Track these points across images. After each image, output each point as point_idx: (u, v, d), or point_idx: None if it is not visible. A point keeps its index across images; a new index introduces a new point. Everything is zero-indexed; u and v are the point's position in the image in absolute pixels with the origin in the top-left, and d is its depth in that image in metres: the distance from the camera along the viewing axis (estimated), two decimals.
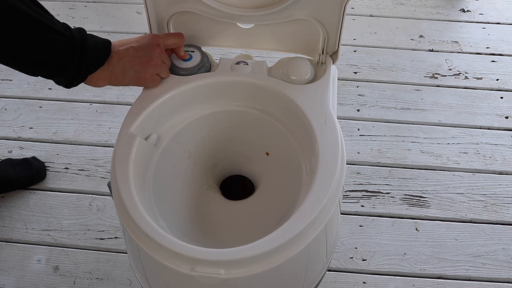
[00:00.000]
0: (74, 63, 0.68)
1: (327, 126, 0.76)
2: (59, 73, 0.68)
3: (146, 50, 0.77)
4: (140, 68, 0.76)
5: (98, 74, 0.72)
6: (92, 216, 1.19)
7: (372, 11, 1.70)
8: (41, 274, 1.11)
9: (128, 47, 0.75)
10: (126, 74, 0.75)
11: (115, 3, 1.74)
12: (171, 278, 0.70)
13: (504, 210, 1.21)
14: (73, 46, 0.67)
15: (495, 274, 1.11)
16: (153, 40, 0.78)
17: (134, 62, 0.75)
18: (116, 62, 0.73)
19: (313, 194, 0.68)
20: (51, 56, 0.66)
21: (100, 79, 0.73)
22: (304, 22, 0.84)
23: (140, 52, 0.76)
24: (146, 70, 0.77)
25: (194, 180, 0.86)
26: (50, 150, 1.32)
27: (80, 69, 0.69)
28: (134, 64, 0.75)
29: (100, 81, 0.73)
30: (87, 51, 0.68)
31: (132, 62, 0.75)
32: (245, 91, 0.84)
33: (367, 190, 1.24)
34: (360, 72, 1.51)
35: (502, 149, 1.32)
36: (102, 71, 0.72)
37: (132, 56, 0.75)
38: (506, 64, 1.54)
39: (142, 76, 0.77)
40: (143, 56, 0.76)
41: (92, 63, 0.70)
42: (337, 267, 1.11)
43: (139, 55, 0.76)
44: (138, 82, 0.78)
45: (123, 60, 0.74)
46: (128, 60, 0.75)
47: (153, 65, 0.78)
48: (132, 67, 0.75)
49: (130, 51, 0.75)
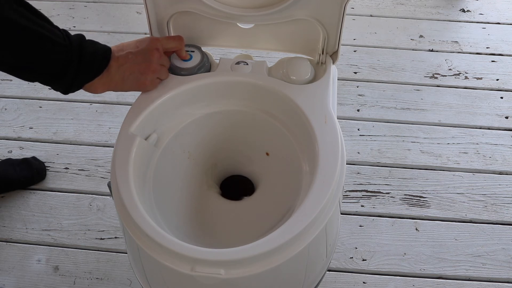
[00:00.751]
0: (70, 72, 0.67)
1: (327, 126, 0.76)
2: (55, 81, 0.68)
3: (145, 55, 0.76)
4: (139, 75, 0.76)
5: (97, 82, 0.71)
6: (92, 216, 1.20)
7: (372, 11, 1.70)
8: (41, 274, 1.11)
9: (127, 53, 0.74)
10: (125, 81, 0.75)
11: (115, 3, 1.74)
12: (171, 278, 0.70)
13: (504, 210, 1.21)
14: (70, 55, 0.66)
15: (495, 274, 1.11)
16: (152, 44, 0.77)
17: (133, 69, 0.75)
18: (116, 70, 0.73)
19: (313, 194, 0.68)
20: (46, 65, 0.65)
21: (99, 87, 0.72)
22: (304, 22, 0.84)
23: (139, 57, 0.75)
24: (146, 77, 0.77)
25: (194, 180, 0.86)
26: (50, 150, 1.32)
27: (76, 78, 0.68)
28: (133, 71, 0.75)
29: (99, 88, 0.73)
30: (84, 60, 0.68)
31: (131, 69, 0.75)
32: (245, 91, 0.84)
33: (367, 190, 1.24)
34: (360, 72, 1.51)
35: (502, 149, 1.32)
36: (100, 79, 0.71)
37: (131, 63, 0.74)
38: (506, 64, 1.54)
39: (142, 82, 0.77)
40: (142, 62, 0.76)
41: (90, 71, 0.70)
42: (337, 267, 1.11)
43: (138, 61, 0.75)
44: (138, 88, 0.78)
45: (122, 68, 0.73)
46: (127, 67, 0.74)
47: (152, 71, 0.77)
48: (131, 74, 0.75)
49: (130, 57, 0.74)
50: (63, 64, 0.66)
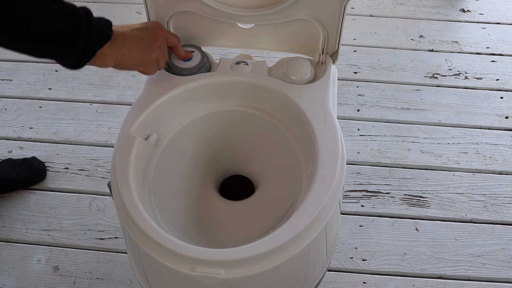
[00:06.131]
0: (82, 34, 0.64)
1: (327, 126, 0.76)
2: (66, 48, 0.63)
3: (151, 32, 0.77)
4: (146, 47, 0.75)
5: (106, 50, 0.69)
6: (92, 216, 1.19)
7: (372, 11, 1.70)
8: (41, 274, 1.11)
9: (132, 28, 0.75)
10: (132, 53, 0.73)
11: (115, 3, 1.74)
12: (171, 278, 0.70)
13: (504, 210, 1.21)
14: (79, 17, 0.64)
15: (495, 274, 1.11)
16: (156, 25, 0.80)
17: (140, 41, 0.74)
18: (122, 41, 0.71)
19: (313, 194, 0.68)
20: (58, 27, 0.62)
21: (108, 56, 0.70)
22: (304, 22, 0.84)
23: (144, 32, 0.76)
24: (152, 51, 0.76)
25: (194, 180, 0.86)
26: (50, 150, 1.32)
27: (89, 42, 0.65)
28: (140, 43, 0.74)
29: (108, 58, 0.70)
30: (94, 24, 0.65)
31: (138, 42, 0.74)
32: (245, 91, 0.84)
33: (367, 190, 1.24)
34: (360, 72, 1.51)
35: (502, 149, 1.32)
36: (109, 47, 0.69)
37: (138, 37, 0.74)
38: (506, 64, 1.54)
39: (148, 56, 0.76)
40: (148, 37, 0.76)
41: (100, 35, 0.67)
42: (337, 267, 1.11)
43: (144, 36, 0.75)
44: (143, 63, 0.76)
45: (128, 40, 0.73)
46: (134, 39, 0.74)
47: (158, 46, 0.78)
48: (138, 47, 0.74)
49: (135, 32, 0.74)
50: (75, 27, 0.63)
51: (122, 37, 0.72)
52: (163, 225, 0.74)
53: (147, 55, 0.76)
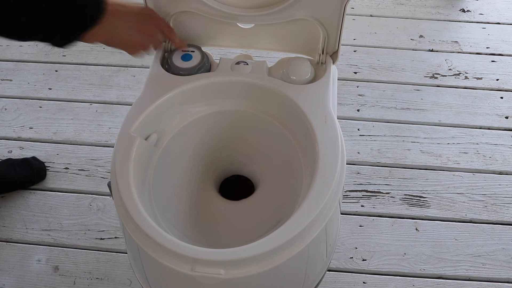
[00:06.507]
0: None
1: (327, 126, 0.76)
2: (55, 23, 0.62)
3: (147, 18, 0.79)
4: (136, 32, 0.76)
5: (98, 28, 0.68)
6: (92, 216, 1.19)
7: (372, 11, 1.70)
8: (41, 274, 1.11)
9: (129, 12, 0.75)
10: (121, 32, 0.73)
11: None
12: (171, 278, 0.70)
13: (504, 210, 1.21)
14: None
15: (495, 274, 1.11)
16: (154, 13, 0.82)
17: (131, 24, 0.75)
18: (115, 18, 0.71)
19: (313, 194, 0.68)
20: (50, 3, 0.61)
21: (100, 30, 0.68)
22: (304, 22, 0.84)
23: (140, 17, 0.77)
24: (142, 37, 0.77)
25: (194, 180, 0.86)
26: (50, 150, 1.32)
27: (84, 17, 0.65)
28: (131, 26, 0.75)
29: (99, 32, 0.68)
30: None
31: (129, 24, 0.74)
32: (245, 91, 0.84)
33: (367, 190, 1.24)
34: (360, 72, 1.51)
35: (502, 149, 1.32)
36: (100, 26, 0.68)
37: (133, 21, 0.75)
38: (506, 64, 1.54)
39: (135, 39, 0.76)
40: (142, 22, 0.77)
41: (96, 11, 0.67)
42: (337, 267, 1.11)
43: (139, 20, 0.76)
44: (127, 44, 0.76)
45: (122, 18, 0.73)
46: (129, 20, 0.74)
47: (150, 34, 0.80)
48: (129, 29, 0.74)
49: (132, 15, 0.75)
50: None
51: (118, 12, 0.72)
52: (163, 225, 0.74)
53: (134, 39, 0.77)
